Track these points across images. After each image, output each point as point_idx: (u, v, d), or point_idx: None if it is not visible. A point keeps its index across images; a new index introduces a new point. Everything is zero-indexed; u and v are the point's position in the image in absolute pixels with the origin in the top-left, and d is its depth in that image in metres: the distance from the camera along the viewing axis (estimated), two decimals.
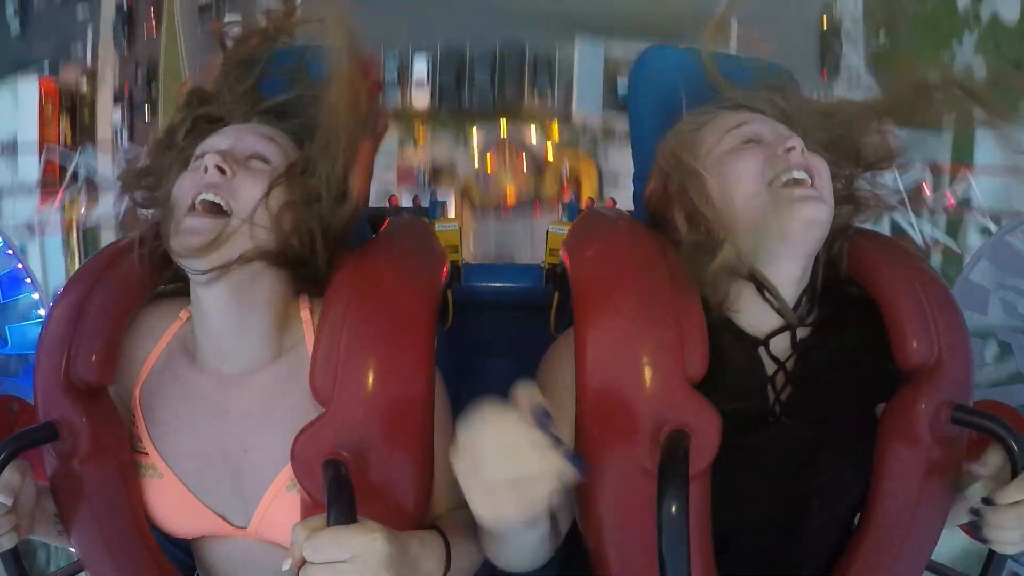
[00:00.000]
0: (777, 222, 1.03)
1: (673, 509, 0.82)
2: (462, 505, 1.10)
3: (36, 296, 2.23)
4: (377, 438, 0.98)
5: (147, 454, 1.11)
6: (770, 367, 1.11)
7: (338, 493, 0.85)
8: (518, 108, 10.50)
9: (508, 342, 1.96)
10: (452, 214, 7.52)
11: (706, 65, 1.24)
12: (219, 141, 1.10)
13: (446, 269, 1.24)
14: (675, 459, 0.88)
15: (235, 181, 1.04)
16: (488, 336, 1.95)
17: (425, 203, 2.06)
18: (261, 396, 1.09)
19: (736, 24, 1.46)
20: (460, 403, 1.51)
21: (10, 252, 2.37)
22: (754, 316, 1.10)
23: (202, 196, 1.02)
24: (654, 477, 0.87)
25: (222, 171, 1.03)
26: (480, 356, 1.94)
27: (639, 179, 1.38)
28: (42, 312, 2.16)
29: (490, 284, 1.93)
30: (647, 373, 0.97)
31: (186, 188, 1.05)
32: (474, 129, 10.55)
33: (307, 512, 1.01)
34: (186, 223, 1.02)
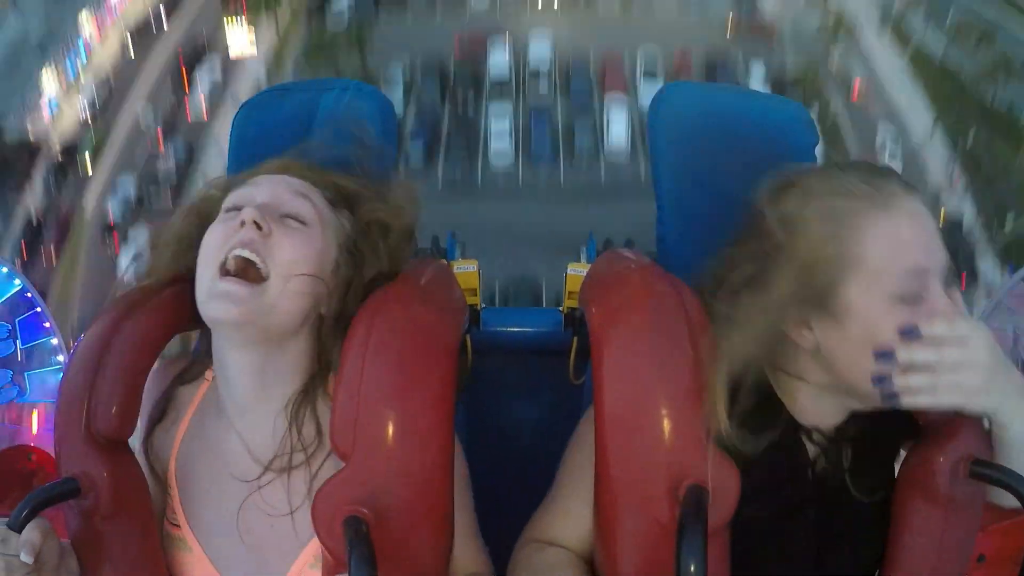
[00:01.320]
0: (885, 403, 1.00)
1: (692, 568, 0.82)
2: (483, 572, 1.10)
3: (55, 342, 2.22)
4: (398, 493, 0.97)
5: (179, 527, 1.11)
6: (811, 451, 1.12)
7: (359, 550, 0.84)
8: None
9: (527, 387, 1.96)
10: None
11: None
12: (256, 193, 1.09)
13: (465, 316, 1.23)
14: (694, 515, 0.87)
15: (272, 240, 1.04)
16: (507, 381, 1.94)
17: (444, 242, 2.06)
18: (286, 467, 1.08)
19: None
20: (478, 449, 1.51)
21: (29, 295, 2.38)
22: (801, 415, 1.11)
23: (236, 252, 1.02)
24: (673, 533, 0.86)
25: (259, 227, 1.03)
26: (499, 401, 1.93)
27: (662, 222, 1.38)
28: (61, 359, 2.16)
29: (508, 329, 1.92)
30: (666, 425, 0.96)
31: (218, 241, 1.04)
32: None
33: (328, 572, 0.99)
34: (221, 288, 1.01)
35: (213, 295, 1.02)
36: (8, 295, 2.31)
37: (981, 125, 20.09)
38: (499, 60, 22.87)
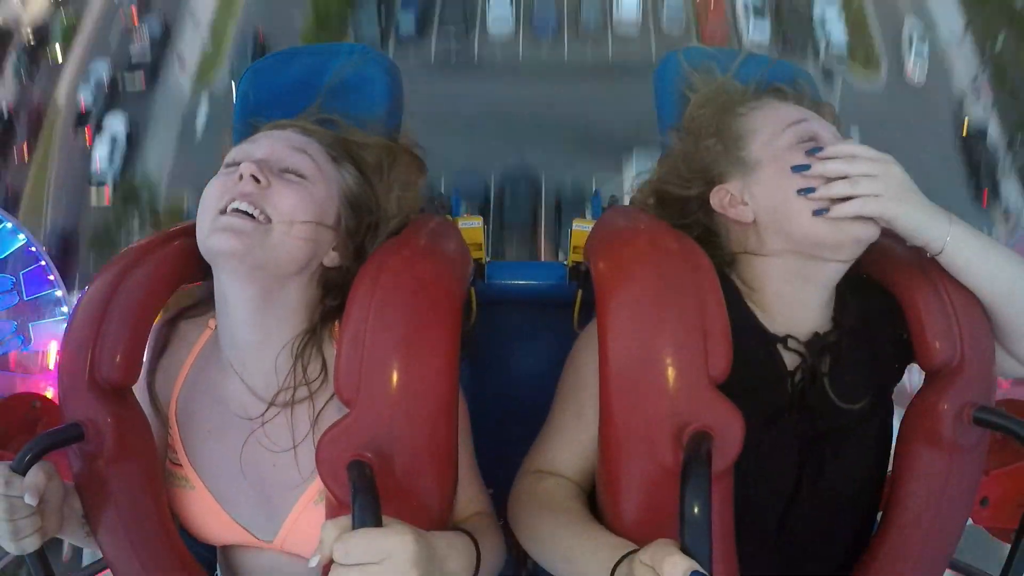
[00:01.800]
0: (832, 235, 1.06)
1: (696, 509, 0.82)
2: (484, 510, 1.10)
3: (59, 293, 2.23)
4: (402, 438, 0.97)
5: (181, 465, 1.13)
6: (790, 361, 1.13)
7: (363, 494, 0.85)
8: None
9: (531, 339, 1.96)
10: None
11: None
12: (254, 149, 1.10)
13: (470, 268, 1.23)
14: (698, 460, 0.88)
15: (270, 191, 1.05)
16: (511, 333, 1.95)
17: (449, 200, 2.05)
18: (287, 409, 1.10)
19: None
20: (483, 398, 1.51)
21: (32, 249, 2.39)
22: (779, 317, 1.13)
23: (235, 204, 1.02)
24: (677, 476, 0.87)
25: (257, 180, 1.04)
26: (503, 353, 1.93)
27: None
28: (65, 310, 2.17)
29: (513, 282, 1.92)
30: (670, 373, 0.97)
31: (216, 193, 1.05)
32: None
33: (332, 512, 1.01)
34: (223, 221, 1.02)
35: (216, 228, 1.02)
36: (12, 249, 2.32)
37: (1010, 30, 19.58)
38: (501, 11, 20.88)
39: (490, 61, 19.70)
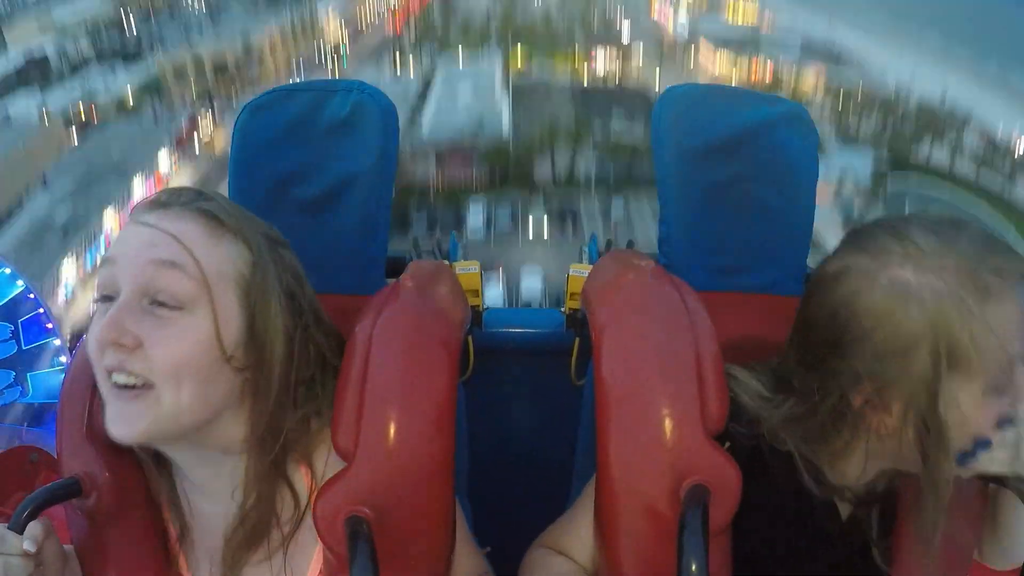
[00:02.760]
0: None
1: (693, 567, 0.81)
2: (477, 574, 1.09)
3: (58, 342, 2.22)
4: (400, 493, 0.97)
5: (166, 552, 1.09)
6: (842, 510, 1.11)
7: (361, 550, 0.84)
8: None
9: (529, 388, 1.95)
10: None
11: None
12: (117, 276, 0.94)
13: (467, 316, 1.23)
14: (695, 515, 0.87)
15: (142, 350, 0.91)
16: (509, 382, 1.95)
17: (446, 244, 2.06)
18: (261, 542, 1.04)
19: None
20: (480, 449, 1.50)
21: (31, 296, 2.38)
22: (845, 473, 1.08)
23: (113, 377, 0.93)
24: (674, 533, 0.86)
25: (123, 345, 0.91)
26: (502, 402, 1.92)
27: (664, 222, 1.38)
28: (64, 360, 2.16)
29: (510, 329, 1.92)
30: (667, 425, 0.96)
31: (95, 346, 0.93)
32: None
33: (330, 571, 1.00)
34: (115, 409, 0.94)
35: (113, 419, 0.94)
36: (11, 296, 2.32)
37: None
38: (493, 293, 24.46)
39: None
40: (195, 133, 36.19)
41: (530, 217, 26.57)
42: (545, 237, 26.33)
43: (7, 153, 32.71)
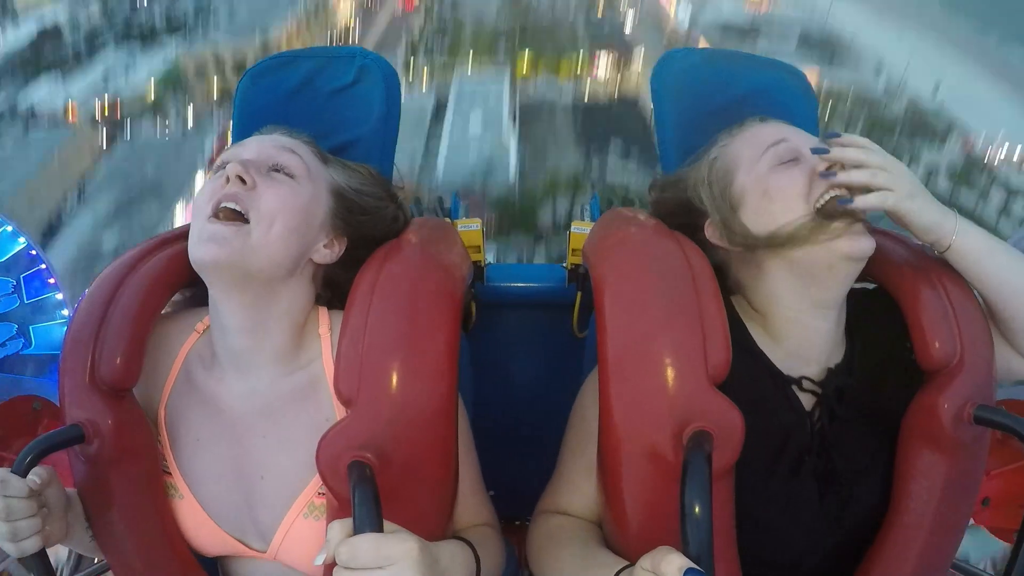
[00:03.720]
0: (825, 255, 1.05)
1: (696, 508, 0.82)
2: (488, 521, 1.11)
3: (60, 296, 2.23)
4: (402, 439, 0.97)
5: (171, 474, 1.12)
6: (806, 402, 1.12)
7: (364, 495, 0.84)
8: None
9: (531, 341, 1.96)
10: None
11: None
12: (242, 151, 1.12)
13: (469, 270, 1.23)
14: (698, 459, 0.87)
15: (256, 191, 1.06)
16: (511, 336, 1.95)
17: (448, 202, 2.06)
18: (276, 418, 1.09)
19: None
20: (484, 401, 1.51)
21: (33, 252, 2.38)
22: (792, 348, 1.13)
23: (223, 204, 1.03)
24: (678, 477, 0.87)
25: (243, 180, 1.05)
26: (504, 356, 1.93)
27: None
28: (66, 312, 2.17)
29: (512, 284, 1.92)
30: (669, 373, 0.96)
31: (206, 195, 1.05)
32: None
33: (333, 514, 1.01)
34: (208, 229, 1.03)
35: (201, 238, 1.03)
36: (12, 252, 2.31)
37: None
38: None
39: None
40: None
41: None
42: None
43: (43, 163, 32.79)
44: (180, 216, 31.05)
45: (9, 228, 2.31)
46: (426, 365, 0.99)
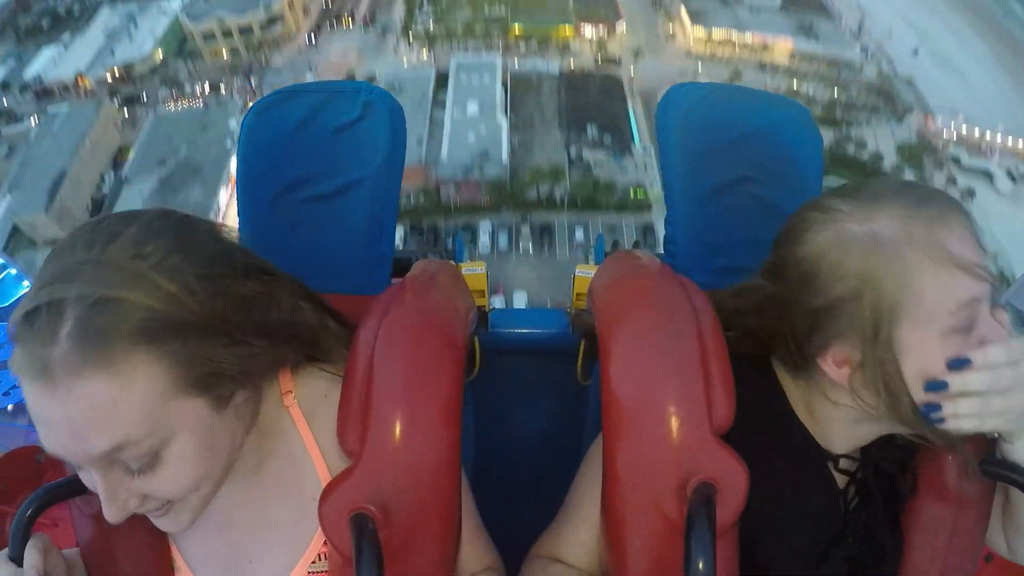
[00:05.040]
0: (924, 434, 0.99)
1: (701, 565, 0.81)
2: (493, 566, 1.09)
3: None
4: (405, 491, 0.96)
5: (170, 547, 1.09)
6: (839, 479, 1.10)
7: (366, 547, 0.84)
8: None
9: (536, 389, 1.95)
10: None
11: None
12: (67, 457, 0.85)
13: (473, 316, 1.23)
14: (702, 512, 0.87)
15: (153, 495, 0.89)
16: (515, 383, 1.94)
17: (452, 244, 2.07)
18: (259, 504, 1.05)
19: None
20: (487, 449, 1.50)
21: (26, 284, 2.36)
22: (831, 439, 1.09)
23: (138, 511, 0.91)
24: (681, 531, 0.86)
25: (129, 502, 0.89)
26: (507, 403, 1.92)
27: (670, 222, 1.38)
28: None
29: (516, 330, 1.92)
30: (673, 423, 0.95)
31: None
32: None
33: (336, 569, 0.99)
34: (151, 518, 0.94)
35: (156, 523, 0.95)
36: (17, 296, 2.32)
37: None
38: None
39: None
40: None
41: (522, 233, 32.77)
42: (530, 252, 32.25)
43: (79, 144, 33.15)
44: (223, 198, 31.76)
45: (13, 271, 2.31)
46: (430, 417, 0.98)
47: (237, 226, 1.27)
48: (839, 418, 1.06)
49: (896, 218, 0.95)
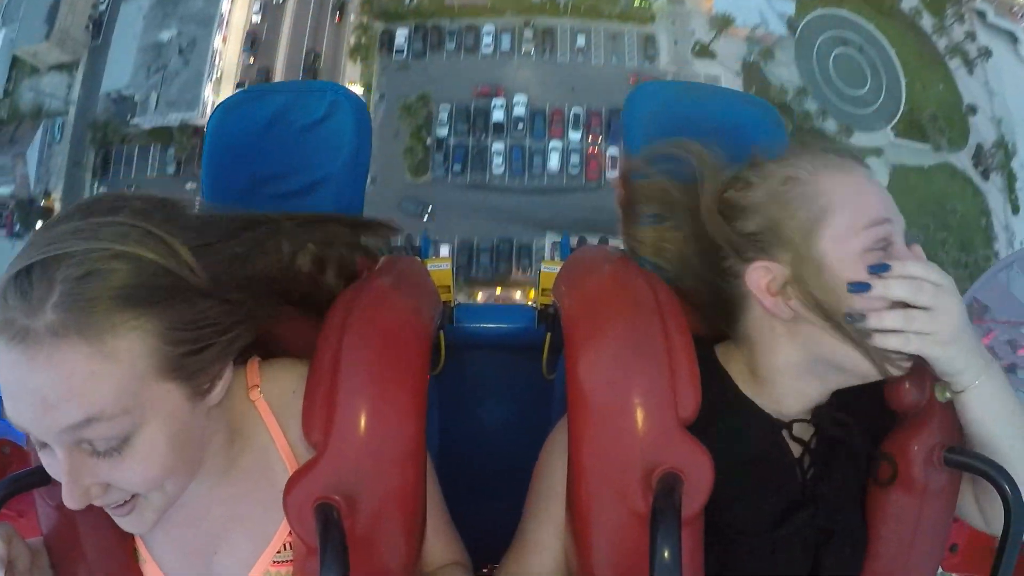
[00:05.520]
0: (866, 369, 1.00)
1: (666, 554, 0.82)
2: (459, 560, 1.09)
3: None
4: (369, 480, 0.96)
5: (135, 538, 1.07)
6: (795, 449, 1.10)
7: (331, 537, 0.84)
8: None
9: (501, 383, 1.96)
10: None
11: None
12: (29, 431, 0.83)
13: (439, 310, 1.23)
14: (668, 503, 0.87)
15: (117, 485, 0.87)
16: (480, 377, 1.95)
17: (418, 241, 2.06)
18: (229, 502, 1.04)
19: None
20: (452, 443, 1.51)
21: None
22: (774, 401, 1.09)
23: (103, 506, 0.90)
24: (647, 521, 0.86)
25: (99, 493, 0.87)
26: (472, 397, 1.93)
27: None
28: None
29: (481, 325, 1.92)
30: (639, 415, 0.96)
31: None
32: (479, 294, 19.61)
33: (300, 559, 0.99)
34: (112, 516, 0.93)
35: (119, 523, 0.93)
36: None
37: None
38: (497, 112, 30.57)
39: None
40: None
41: (524, 36, 32.15)
42: (532, 56, 31.87)
43: None
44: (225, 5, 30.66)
45: None
46: (395, 408, 0.98)
47: None
48: (782, 371, 1.06)
49: (813, 157, 1.06)
